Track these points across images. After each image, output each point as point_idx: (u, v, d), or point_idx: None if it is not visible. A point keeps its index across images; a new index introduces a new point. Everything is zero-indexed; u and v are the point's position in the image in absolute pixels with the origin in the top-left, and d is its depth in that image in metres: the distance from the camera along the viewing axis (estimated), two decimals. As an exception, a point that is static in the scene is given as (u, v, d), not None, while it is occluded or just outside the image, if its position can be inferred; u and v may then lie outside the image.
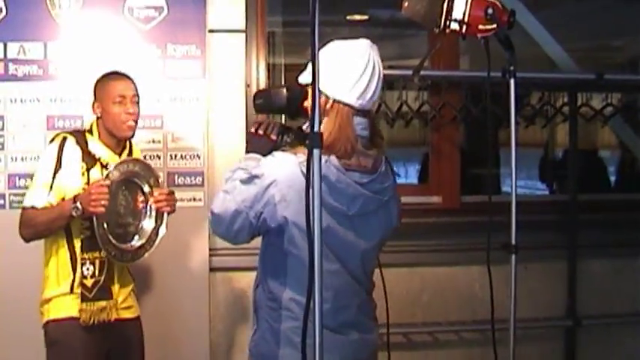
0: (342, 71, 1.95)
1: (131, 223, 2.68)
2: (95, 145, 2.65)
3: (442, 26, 2.36)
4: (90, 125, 2.71)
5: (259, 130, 2.11)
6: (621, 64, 5.59)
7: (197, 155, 3.31)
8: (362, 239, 2.01)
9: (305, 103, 2.03)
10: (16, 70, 3.17)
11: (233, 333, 3.47)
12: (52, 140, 2.67)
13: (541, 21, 4.09)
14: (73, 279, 2.60)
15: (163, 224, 2.72)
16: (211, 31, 3.34)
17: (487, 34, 2.35)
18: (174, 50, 3.28)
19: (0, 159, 3.17)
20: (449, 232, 3.55)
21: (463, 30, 2.34)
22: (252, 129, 2.15)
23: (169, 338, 3.12)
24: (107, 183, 2.48)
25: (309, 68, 2.00)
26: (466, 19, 2.32)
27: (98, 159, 2.64)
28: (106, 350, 2.67)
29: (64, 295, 2.61)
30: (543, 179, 6.19)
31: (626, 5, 4.05)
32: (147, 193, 2.69)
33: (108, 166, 2.60)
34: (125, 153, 2.73)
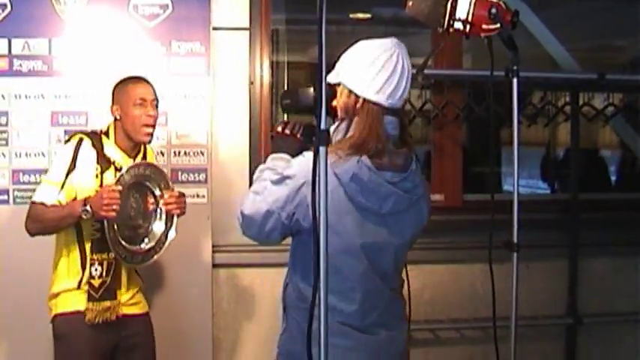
0: (372, 71, 1.94)
1: (141, 226, 2.70)
2: (110, 149, 2.66)
3: (446, 26, 2.37)
4: (107, 128, 2.71)
5: (286, 130, 2.10)
6: (622, 65, 5.59)
7: (201, 152, 3.32)
8: (395, 237, 2.00)
9: (333, 102, 2.02)
10: (21, 66, 3.17)
11: (236, 329, 3.48)
12: (69, 140, 2.68)
13: (543, 21, 4.10)
14: (82, 277, 2.62)
15: (173, 227, 2.72)
16: (215, 29, 3.35)
17: (490, 34, 2.36)
18: (178, 47, 3.29)
19: (4, 155, 3.18)
20: (451, 230, 3.55)
21: (467, 30, 2.35)
22: (278, 128, 2.13)
23: (173, 334, 3.13)
24: (119, 188, 2.49)
25: (336, 68, 2.02)
26: (470, 19, 2.33)
27: (113, 162, 2.65)
28: (114, 344, 2.69)
29: (72, 290, 2.63)
30: (545, 178, 6.20)
31: (628, 5, 4.05)
32: (157, 196, 2.70)
33: (121, 170, 2.61)
34: (139, 157, 2.73)
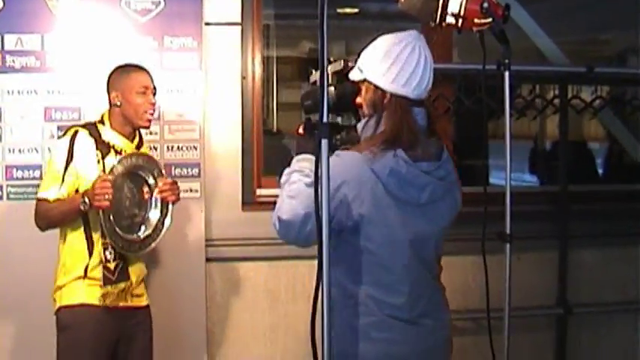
0: (397, 66, 1.96)
1: (137, 215, 2.72)
2: (108, 134, 2.68)
3: (438, 20, 2.38)
4: (101, 116, 2.73)
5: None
6: (609, 58, 5.63)
7: (194, 147, 3.33)
8: (434, 226, 2.03)
9: (358, 99, 2.04)
10: (14, 62, 3.17)
11: (230, 322, 3.50)
12: (65, 134, 2.69)
13: (532, 14, 4.12)
14: (88, 264, 2.63)
15: (169, 215, 2.76)
16: (208, 24, 3.36)
17: (482, 28, 2.37)
18: (170, 42, 3.29)
19: (-3, 150, 3.19)
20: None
21: (459, 24, 2.36)
22: (300, 130, 2.13)
23: (166, 328, 3.14)
24: (110, 178, 2.51)
25: (358, 64, 2.04)
26: (462, 13, 2.34)
27: (112, 146, 2.67)
28: (116, 337, 2.71)
29: (77, 280, 2.64)
30: (533, 171, 6.23)
31: (615, -1, 4.11)
32: (151, 185, 2.73)
33: (122, 153, 2.64)
34: (136, 140, 2.76)
